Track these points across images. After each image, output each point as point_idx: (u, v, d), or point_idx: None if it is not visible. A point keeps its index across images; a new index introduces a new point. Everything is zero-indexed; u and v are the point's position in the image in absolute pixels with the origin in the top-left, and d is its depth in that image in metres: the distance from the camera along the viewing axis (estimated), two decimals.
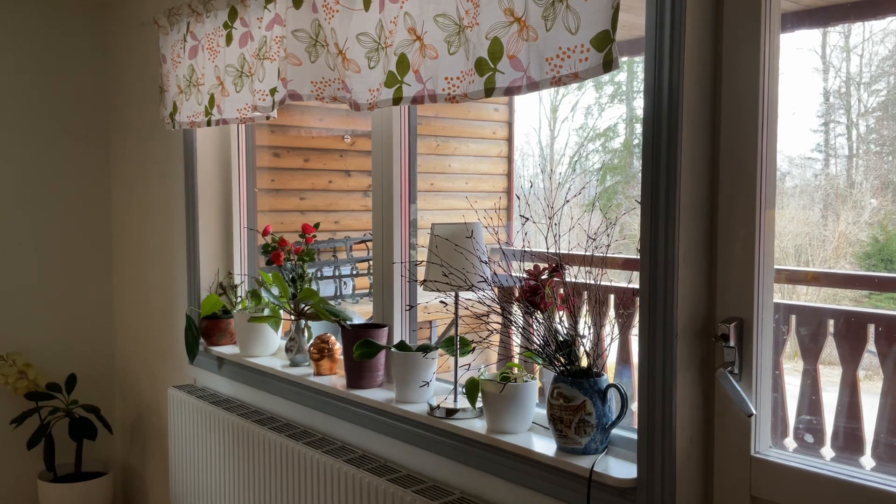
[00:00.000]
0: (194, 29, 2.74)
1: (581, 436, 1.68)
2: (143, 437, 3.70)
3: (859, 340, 2.57)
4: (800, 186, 2.51)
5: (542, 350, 1.76)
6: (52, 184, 3.71)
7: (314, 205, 4.50)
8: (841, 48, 2.43)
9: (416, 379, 2.13)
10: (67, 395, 3.60)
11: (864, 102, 2.52)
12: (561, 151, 5.40)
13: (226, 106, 2.60)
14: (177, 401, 3.02)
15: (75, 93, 3.74)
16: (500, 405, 1.86)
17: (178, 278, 3.28)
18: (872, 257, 2.54)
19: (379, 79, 1.96)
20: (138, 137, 3.56)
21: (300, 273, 2.63)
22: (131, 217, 3.69)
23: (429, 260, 1.97)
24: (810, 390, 2.58)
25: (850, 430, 2.47)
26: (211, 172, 3.12)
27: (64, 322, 3.77)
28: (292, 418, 2.62)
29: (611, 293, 2.22)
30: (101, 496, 3.59)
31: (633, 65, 4.33)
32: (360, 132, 4.66)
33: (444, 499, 1.94)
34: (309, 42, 2.18)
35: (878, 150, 2.54)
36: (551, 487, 1.75)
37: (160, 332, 3.49)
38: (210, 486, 2.81)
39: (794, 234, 2.57)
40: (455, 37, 1.75)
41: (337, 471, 2.19)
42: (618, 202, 4.17)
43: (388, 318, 2.38)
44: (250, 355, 2.78)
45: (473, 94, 1.72)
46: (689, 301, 1.53)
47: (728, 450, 1.55)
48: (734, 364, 1.52)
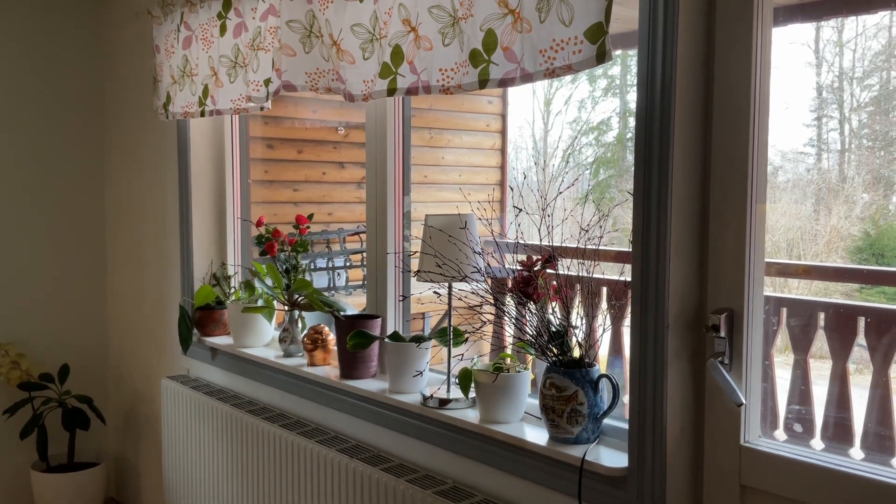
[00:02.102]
0: (188, 19, 2.74)
1: (573, 425, 1.70)
2: (137, 427, 3.70)
3: (849, 333, 2.59)
4: (792, 181, 2.52)
5: (535, 340, 1.77)
6: (45, 174, 3.70)
7: (308, 196, 4.50)
8: (834, 43, 2.44)
9: (410, 369, 2.14)
10: (60, 386, 3.60)
11: (856, 97, 2.53)
12: (554, 145, 5.41)
13: (220, 96, 2.60)
14: (170, 391, 3.02)
15: (69, 83, 3.72)
16: (493, 395, 1.87)
17: (172, 269, 3.28)
18: (864, 251, 2.56)
19: (373, 70, 1.97)
20: (132, 128, 3.56)
21: (294, 264, 2.64)
22: (125, 207, 3.68)
23: (423, 251, 1.97)
24: (800, 381, 2.61)
25: (839, 420, 2.50)
26: (204, 163, 3.12)
27: (57, 312, 3.76)
28: (286, 409, 2.63)
29: (603, 286, 2.24)
30: (94, 486, 3.60)
31: (627, 58, 4.34)
32: (354, 124, 4.66)
33: (437, 488, 1.95)
34: (303, 33, 2.18)
35: (870, 144, 2.56)
36: (543, 476, 1.77)
37: (153, 323, 3.49)
38: (203, 477, 2.82)
39: (786, 228, 2.59)
40: (449, 28, 1.75)
41: (330, 461, 2.20)
42: (610, 196, 4.18)
43: (381, 309, 2.39)
44: (244, 346, 2.79)
45: (468, 85, 1.72)
46: (680, 292, 1.55)
47: (718, 439, 1.57)
48: (724, 354, 1.53)
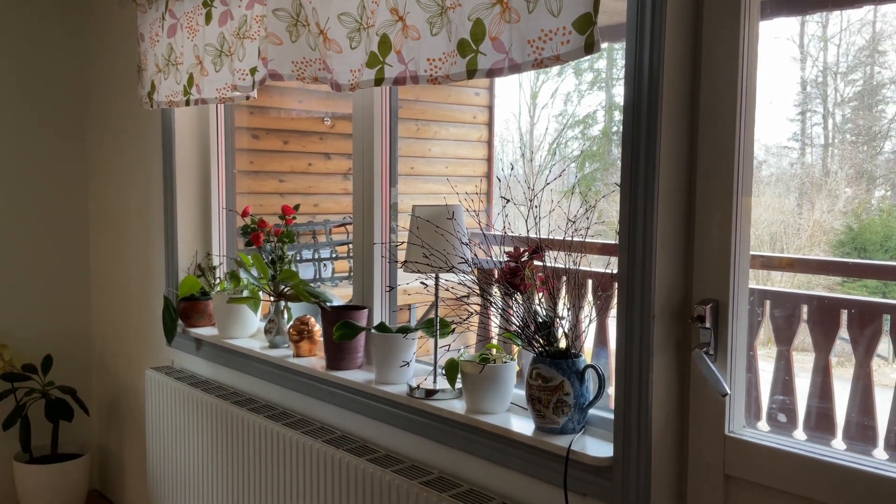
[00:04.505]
0: (173, 7, 2.71)
1: (559, 416, 1.70)
2: (121, 418, 3.68)
3: (832, 325, 2.61)
4: (776, 175, 2.53)
5: (522, 331, 1.78)
6: (27, 164, 3.66)
7: (293, 187, 4.48)
8: (818, 38, 2.46)
9: (396, 360, 2.14)
10: (43, 377, 3.58)
11: (840, 92, 2.55)
12: (540, 138, 5.41)
13: (205, 85, 2.58)
14: (154, 382, 3.01)
15: (52, 73, 3.68)
16: (480, 386, 1.88)
17: (156, 259, 3.26)
18: (846, 245, 2.58)
19: (360, 59, 1.96)
20: (116, 117, 3.53)
21: (280, 255, 2.63)
22: (108, 197, 3.65)
23: (410, 241, 1.97)
24: (783, 372, 2.63)
25: (822, 411, 2.52)
26: (189, 153, 3.10)
27: (40, 303, 3.73)
28: (271, 399, 2.63)
29: (589, 278, 2.24)
30: (77, 478, 3.58)
31: (613, 52, 4.35)
32: (340, 114, 4.64)
33: (423, 478, 1.96)
34: (290, 21, 2.17)
35: (853, 139, 2.57)
36: (529, 466, 1.77)
37: (137, 314, 3.47)
38: (188, 468, 2.81)
39: (769, 221, 2.60)
40: (437, 18, 1.75)
41: (316, 451, 2.19)
42: (596, 189, 4.19)
43: (367, 300, 2.39)
44: (229, 337, 2.78)
45: (455, 75, 1.72)
46: (666, 283, 1.55)
47: (703, 429, 1.58)
48: (709, 345, 1.54)
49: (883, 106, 2.45)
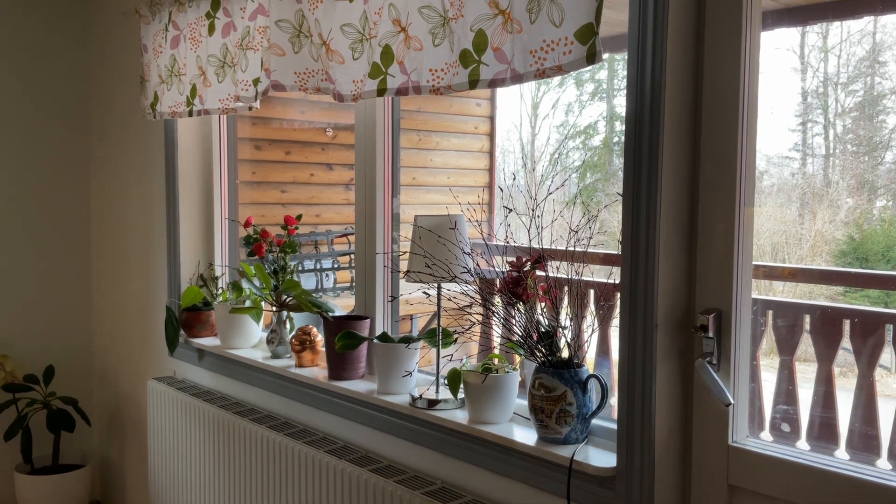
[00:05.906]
0: (176, 18, 2.73)
1: (562, 426, 1.70)
2: (122, 429, 3.68)
3: (835, 335, 2.61)
4: (777, 185, 2.54)
5: (524, 341, 1.78)
6: (30, 174, 3.67)
7: (295, 198, 4.49)
8: (819, 48, 2.47)
9: (398, 370, 2.14)
10: (45, 387, 3.57)
11: (841, 102, 2.56)
12: (542, 148, 5.42)
13: (208, 96, 2.59)
14: (156, 393, 3.00)
15: (55, 82, 3.70)
16: (482, 396, 1.88)
17: (158, 270, 3.26)
18: (848, 255, 2.58)
19: (363, 70, 1.97)
20: (118, 127, 3.54)
21: (282, 264, 2.63)
22: (111, 207, 3.66)
23: (412, 251, 1.97)
24: (786, 382, 2.63)
25: (825, 421, 2.52)
26: (192, 163, 3.11)
27: (42, 313, 3.74)
28: (273, 410, 2.62)
29: (590, 288, 2.24)
30: (78, 489, 3.57)
31: (614, 62, 4.36)
32: (343, 125, 4.66)
33: (426, 489, 1.95)
34: (292, 32, 2.18)
35: (854, 149, 2.58)
36: (532, 477, 1.77)
37: (140, 324, 3.47)
38: (190, 479, 2.81)
39: (771, 232, 2.61)
40: (440, 28, 1.75)
41: (318, 462, 2.19)
42: (597, 199, 4.20)
43: (370, 310, 2.38)
44: (231, 347, 2.78)
45: (458, 85, 1.72)
46: (669, 293, 1.55)
47: (706, 439, 1.58)
48: (713, 355, 1.54)
49: (884, 116, 2.46)
